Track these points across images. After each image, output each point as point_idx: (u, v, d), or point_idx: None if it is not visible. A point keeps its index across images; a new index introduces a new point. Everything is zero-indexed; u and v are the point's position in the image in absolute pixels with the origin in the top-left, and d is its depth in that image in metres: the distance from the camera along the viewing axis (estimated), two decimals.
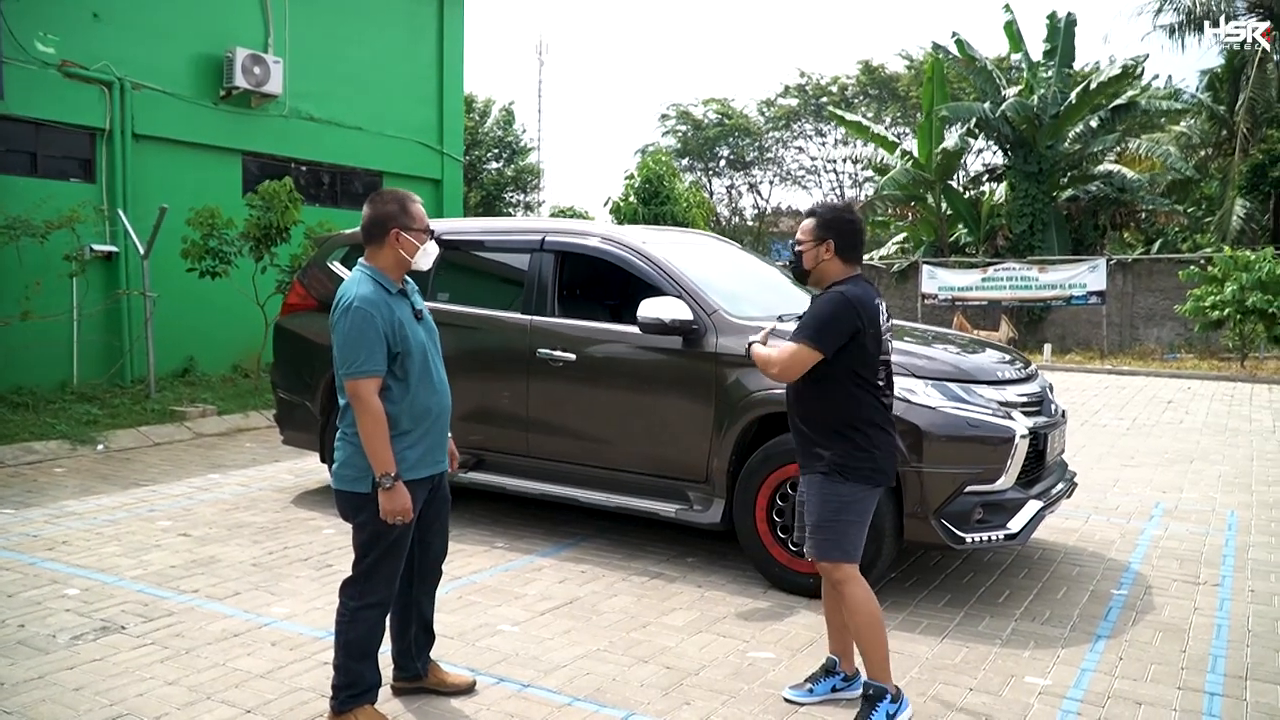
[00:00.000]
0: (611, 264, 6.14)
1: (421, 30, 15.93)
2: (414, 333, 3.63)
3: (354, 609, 3.63)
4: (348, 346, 3.47)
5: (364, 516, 3.59)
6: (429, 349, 3.72)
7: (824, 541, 3.75)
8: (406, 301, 3.70)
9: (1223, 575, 5.76)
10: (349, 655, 3.64)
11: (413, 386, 3.61)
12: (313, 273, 7.49)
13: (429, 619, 3.99)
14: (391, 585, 3.68)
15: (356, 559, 3.66)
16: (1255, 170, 22.89)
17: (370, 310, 3.48)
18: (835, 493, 3.74)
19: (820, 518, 3.76)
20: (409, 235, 3.64)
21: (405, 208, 3.66)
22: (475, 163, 31.14)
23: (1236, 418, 12.14)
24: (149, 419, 10.13)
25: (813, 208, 3.96)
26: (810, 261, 3.86)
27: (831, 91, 41.26)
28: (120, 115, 11.96)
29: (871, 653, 3.73)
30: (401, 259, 3.65)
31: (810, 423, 3.81)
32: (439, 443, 3.75)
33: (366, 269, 3.65)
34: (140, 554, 5.92)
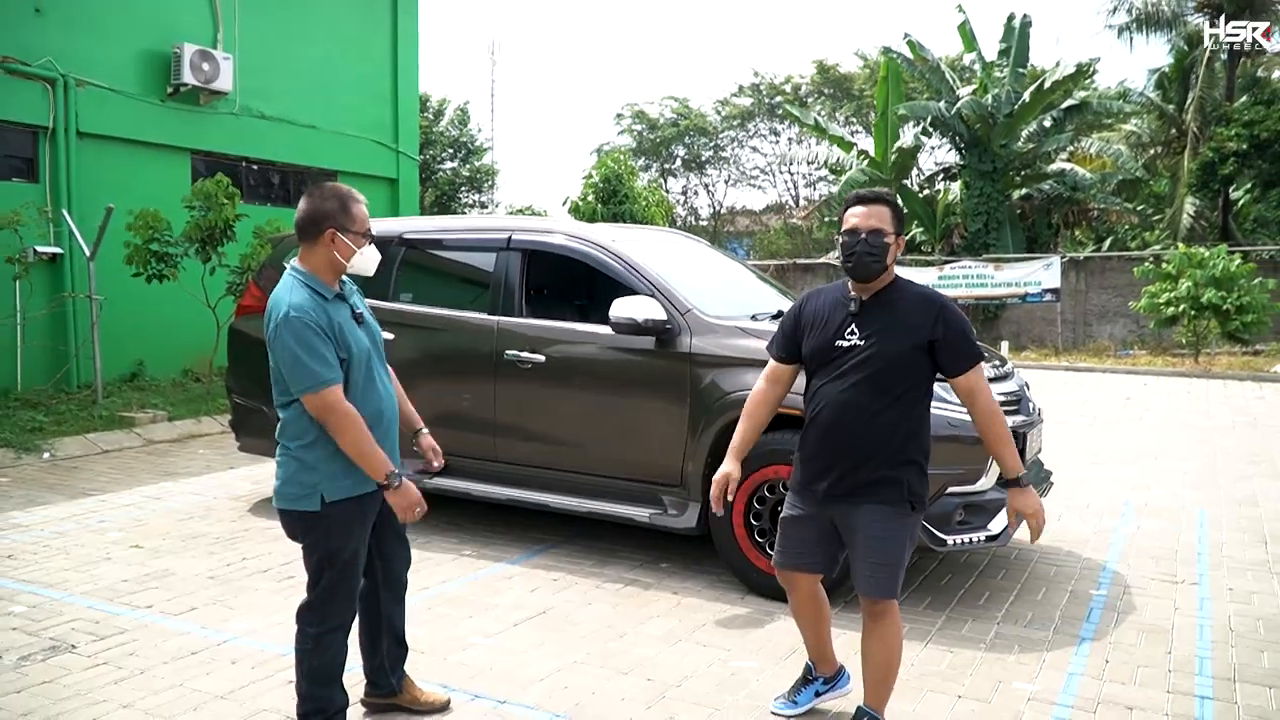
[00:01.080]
0: (580, 263, 5.99)
1: (375, 27, 15.66)
2: (355, 337, 3.36)
3: (315, 635, 3.39)
4: (295, 361, 3.19)
5: (313, 537, 3.35)
6: (372, 353, 3.44)
7: (889, 579, 3.41)
8: (345, 304, 3.42)
9: (1199, 574, 5.72)
10: (314, 682, 3.42)
11: (357, 393, 3.33)
12: (268, 273, 7.25)
13: (401, 631, 3.79)
14: (351, 605, 3.45)
15: (310, 582, 3.41)
16: (1205, 168, 23.22)
17: (304, 318, 3.20)
18: (907, 527, 3.42)
19: (896, 555, 3.40)
20: (345, 238, 3.33)
21: (345, 206, 3.35)
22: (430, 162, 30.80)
23: (1196, 413, 12.23)
24: (97, 425, 9.81)
25: (882, 194, 3.50)
26: (892, 256, 3.41)
27: (785, 91, 41.31)
28: (64, 113, 11.62)
29: (889, 686, 3.53)
30: (335, 262, 3.35)
31: (887, 446, 3.37)
32: (388, 450, 3.43)
33: (298, 273, 3.35)
34: (90, 568, 5.67)
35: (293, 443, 3.34)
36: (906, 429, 3.39)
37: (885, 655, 3.49)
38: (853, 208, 3.47)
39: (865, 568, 3.42)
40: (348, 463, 3.30)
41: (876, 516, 3.39)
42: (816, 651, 3.84)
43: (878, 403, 3.37)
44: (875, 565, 3.40)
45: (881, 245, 3.37)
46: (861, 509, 3.41)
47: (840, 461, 3.43)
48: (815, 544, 3.58)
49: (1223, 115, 23.94)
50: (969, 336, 3.39)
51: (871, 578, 3.41)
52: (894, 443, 3.37)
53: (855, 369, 3.39)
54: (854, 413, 3.38)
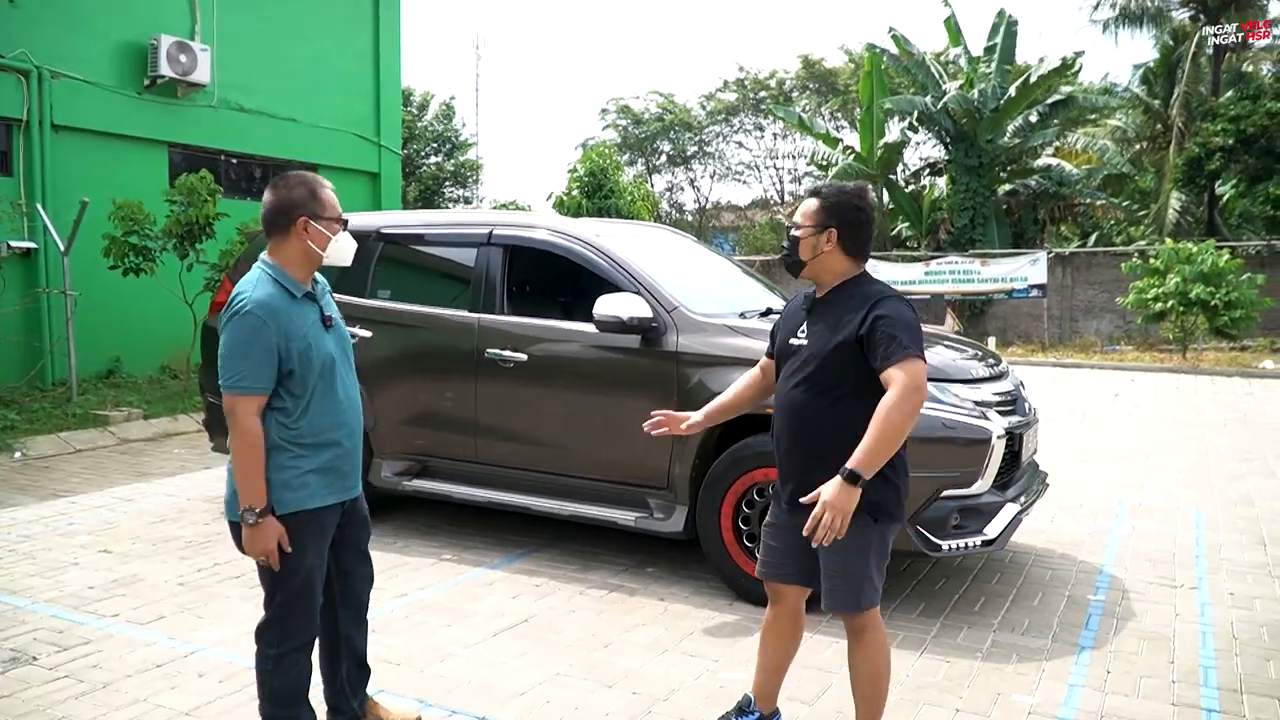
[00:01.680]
0: (563, 259, 5.81)
1: (357, 19, 15.43)
2: (319, 344, 3.13)
3: (275, 656, 3.18)
4: (230, 356, 3.00)
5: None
6: (337, 361, 3.21)
7: (850, 592, 3.17)
8: (314, 306, 3.20)
9: (1199, 578, 5.59)
10: (277, 704, 3.22)
11: (312, 405, 3.12)
12: (243, 269, 7.04)
13: (361, 654, 3.50)
14: (312, 622, 3.22)
15: (266, 599, 3.19)
16: (1191, 163, 23.15)
17: (264, 318, 3.00)
18: (868, 539, 3.15)
19: (853, 568, 3.16)
20: (318, 225, 3.14)
21: (315, 193, 3.16)
22: (414, 156, 30.55)
23: (1185, 410, 12.13)
24: (70, 424, 9.59)
25: (817, 188, 3.35)
26: (809, 251, 3.25)
27: (770, 86, 41.13)
28: (38, 105, 11.41)
29: (880, 705, 3.29)
30: (310, 253, 3.15)
31: (833, 450, 3.06)
32: (349, 466, 3.24)
33: (268, 267, 3.14)
34: (56, 573, 5.47)
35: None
36: (854, 433, 3.04)
37: (870, 672, 3.26)
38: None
39: (825, 581, 3.22)
40: (304, 474, 3.10)
41: None
42: (766, 684, 3.54)
43: (819, 404, 3.19)
44: (834, 579, 3.19)
45: (792, 240, 3.31)
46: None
47: (792, 468, 3.27)
48: (794, 554, 3.32)
49: (1209, 110, 23.90)
50: (898, 332, 3.07)
51: (831, 591, 3.21)
52: (841, 447, 3.04)
53: (799, 369, 3.25)
54: (797, 415, 3.24)
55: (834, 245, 3.24)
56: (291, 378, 3.07)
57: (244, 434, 3.01)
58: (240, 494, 3.03)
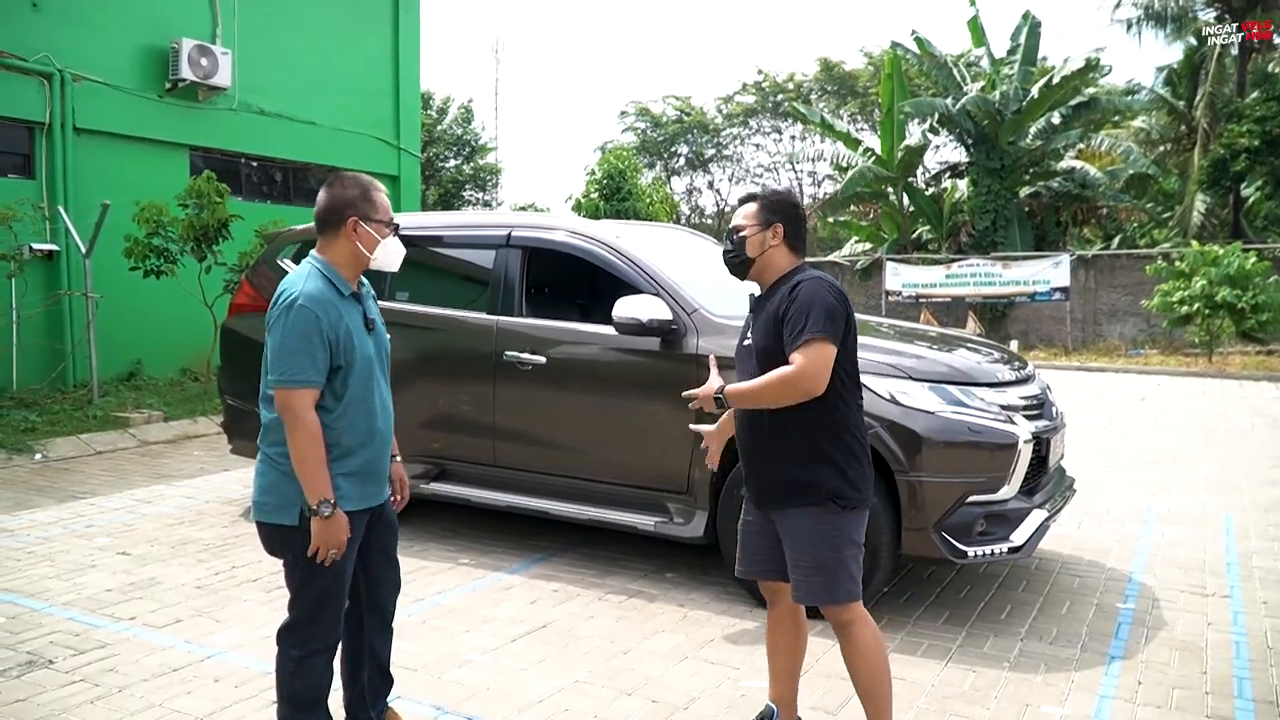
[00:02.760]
0: (582, 260, 5.75)
1: (376, 22, 15.44)
2: (362, 345, 3.11)
3: (298, 658, 3.13)
4: (284, 350, 2.96)
5: (293, 553, 3.08)
6: (376, 365, 3.19)
7: (828, 583, 3.16)
8: (359, 307, 3.18)
9: (1230, 586, 5.48)
10: (296, 707, 3.18)
11: (352, 406, 3.09)
12: (262, 271, 7.04)
13: (384, 661, 3.45)
14: (336, 626, 3.18)
15: (291, 601, 3.15)
16: (1216, 165, 22.90)
17: (315, 310, 2.97)
18: (835, 527, 3.16)
19: (821, 558, 3.15)
20: (369, 227, 3.12)
21: (368, 194, 3.15)
22: (433, 160, 30.58)
23: (1212, 414, 11.97)
24: (91, 426, 9.61)
25: (752, 193, 3.43)
26: (755, 248, 3.27)
27: (788, 89, 41.04)
28: (60, 108, 11.43)
29: (882, 705, 3.23)
30: (359, 254, 3.13)
31: (792, 444, 3.15)
32: (379, 472, 3.22)
33: (318, 262, 3.13)
34: (74, 576, 5.45)
35: (274, 448, 3.08)
36: (810, 426, 3.15)
37: (867, 666, 3.21)
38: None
39: (797, 574, 3.22)
40: (333, 476, 3.04)
41: (802, 520, 3.19)
42: (784, 689, 3.51)
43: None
44: (807, 570, 3.19)
45: (738, 240, 3.33)
46: (785, 514, 3.23)
47: (751, 465, 3.31)
48: (768, 550, 3.36)
49: (1234, 111, 23.65)
50: (809, 312, 3.08)
51: (803, 583, 3.21)
52: (796, 442, 3.15)
53: (748, 370, 3.28)
54: (750, 415, 3.28)
55: (779, 240, 3.31)
56: (338, 375, 3.06)
57: (305, 427, 2.96)
58: (308, 490, 2.97)
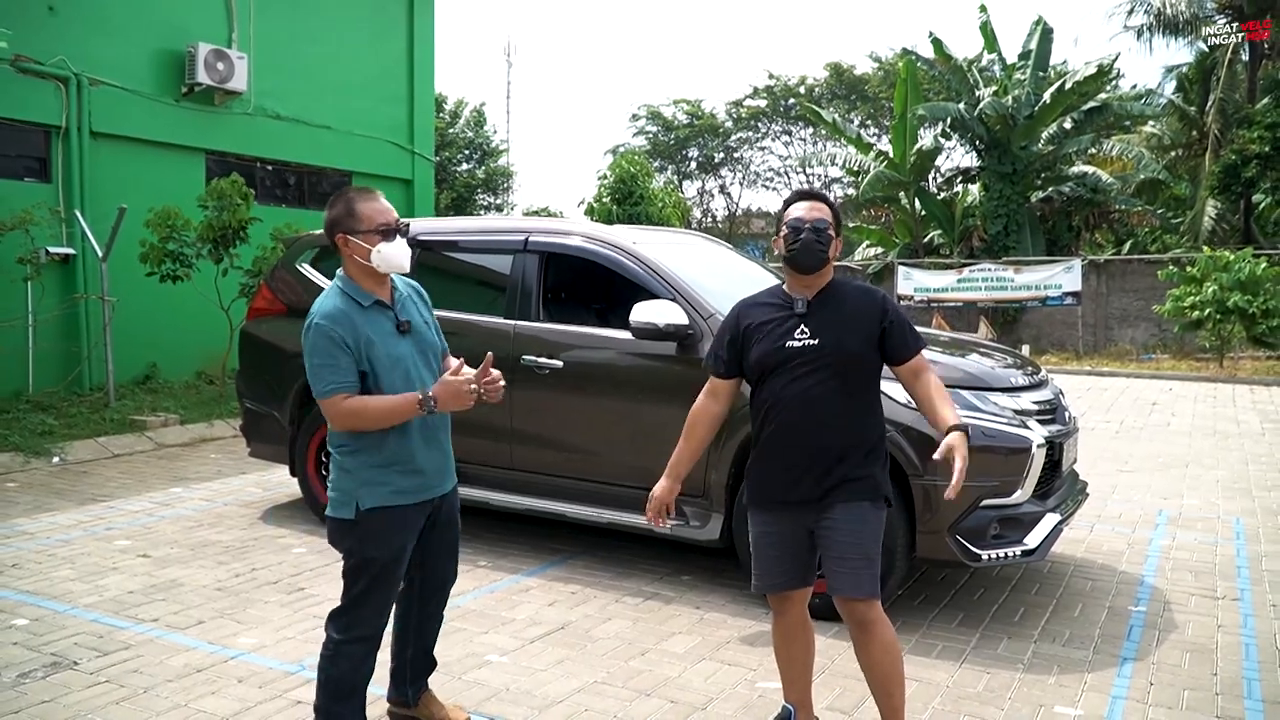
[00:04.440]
0: (599, 265, 5.81)
1: (391, 27, 15.52)
2: (390, 348, 3.26)
3: (338, 643, 3.31)
4: (313, 368, 3.20)
5: (348, 544, 3.30)
6: (413, 363, 3.32)
7: (872, 576, 3.25)
8: (387, 313, 3.32)
9: (1240, 589, 5.51)
10: (329, 694, 3.31)
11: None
12: (280, 275, 7.11)
13: (428, 644, 3.68)
14: (381, 618, 3.35)
15: (343, 590, 3.35)
16: (1227, 170, 22.86)
17: (329, 325, 3.18)
18: (881, 520, 3.33)
19: (873, 550, 3.27)
20: (356, 239, 3.24)
21: (351, 209, 3.27)
22: (446, 163, 30.68)
23: (1223, 419, 11.97)
24: (108, 429, 9.68)
25: (810, 190, 3.47)
26: (835, 253, 3.36)
27: (799, 93, 41.07)
28: (77, 112, 11.49)
29: (900, 700, 3.30)
30: (361, 265, 3.27)
31: (857, 443, 3.30)
32: (434, 465, 3.39)
33: (340, 280, 3.34)
34: (96, 578, 5.52)
35: (335, 448, 3.32)
36: (869, 423, 3.36)
37: (890, 663, 3.27)
38: (795, 204, 3.40)
39: (847, 568, 3.24)
40: (385, 471, 3.26)
41: (854, 513, 3.26)
42: (799, 692, 3.55)
43: (842, 400, 3.28)
44: (858, 563, 3.23)
45: (827, 236, 3.31)
46: (836, 508, 3.26)
47: (810, 464, 3.29)
48: (792, 559, 3.37)
49: (1244, 117, 23.60)
50: (910, 323, 3.41)
51: (855, 576, 3.23)
52: (863, 439, 3.32)
53: (815, 369, 3.27)
54: (818, 413, 3.28)
55: (838, 249, 3.41)
56: (367, 379, 3.23)
57: (355, 414, 3.18)
58: (406, 415, 3.20)
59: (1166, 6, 26.30)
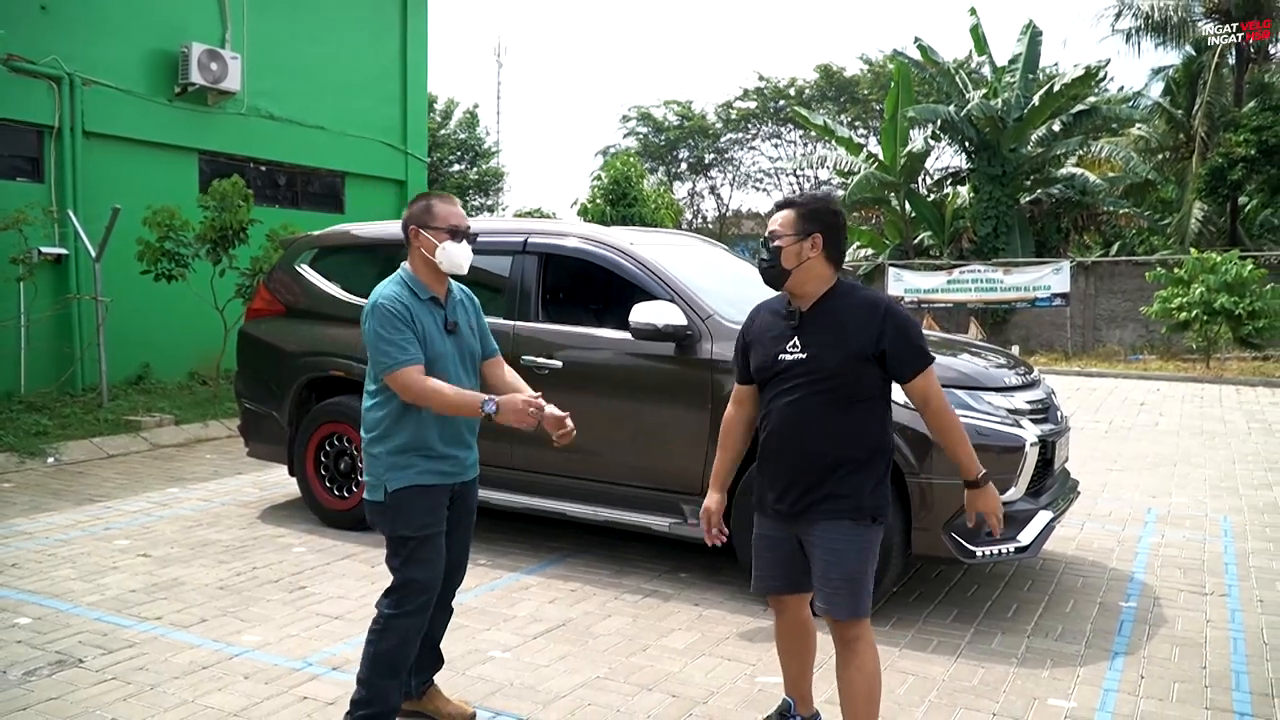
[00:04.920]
0: (597, 267, 5.87)
1: (384, 27, 15.54)
2: (435, 344, 3.47)
3: (388, 617, 3.46)
4: (377, 343, 3.38)
5: (382, 525, 3.51)
6: (455, 362, 3.54)
7: (854, 598, 3.19)
8: (438, 311, 3.54)
9: (1228, 585, 5.61)
10: (375, 669, 3.45)
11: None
12: (279, 276, 7.15)
13: (435, 637, 3.79)
14: (425, 594, 3.48)
15: (390, 569, 3.53)
16: (1214, 173, 23.05)
17: (391, 307, 3.40)
18: (868, 541, 3.21)
19: (855, 570, 3.18)
20: (427, 233, 3.48)
21: (430, 206, 3.53)
22: (438, 164, 30.65)
23: (1210, 419, 12.10)
24: (102, 429, 9.69)
25: (789, 198, 3.34)
26: (793, 259, 3.19)
27: (789, 94, 41.18)
28: (70, 112, 11.49)
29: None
30: (426, 259, 3.51)
31: (840, 459, 3.16)
32: (454, 453, 3.55)
33: (402, 271, 3.56)
34: (97, 577, 5.55)
35: (365, 436, 3.54)
36: (860, 440, 3.20)
37: (865, 686, 3.22)
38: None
39: (826, 586, 3.22)
40: (409, 454, 3.44)
41: (835, 531, 3.19)
42: (797, 688, 3.60)
43: (826, 416, 3.19)
44: (836, 583, 3.19)
45: (773, 250, 3.22)
46: (818, 525, 3.22)
47: (795, 477, 3.25)
48: (788, 563, 3.37)
49: (1231, 121, 23.79)
50: (916, 340, 3.21)
51: (833, 596, 3.20)
52: (847, 455, 3.17)
53: (801, 383, 3.20)
54: (802, 427, 3.21)
55: (818, 252, 3.22)
56: None
57: (425, 392, 3.34)
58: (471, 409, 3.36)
59: (1154, 10, 26.50)
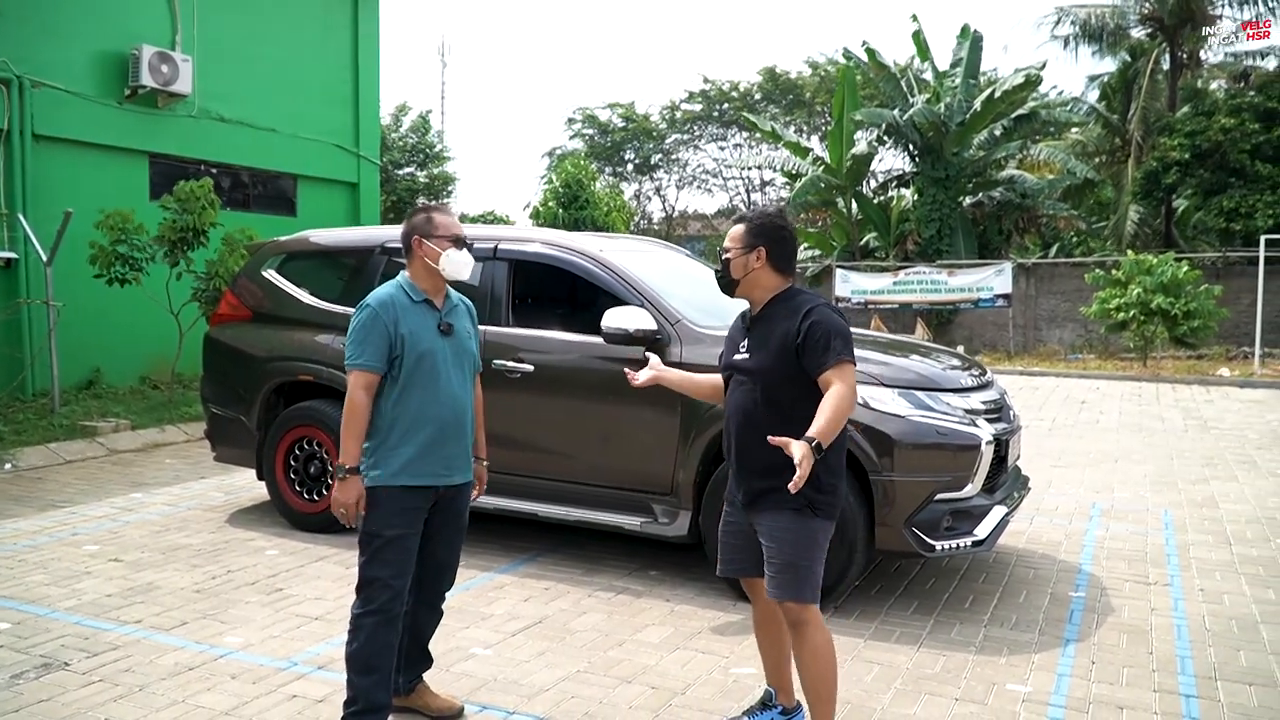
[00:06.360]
0: (567, 273, 6.02)
1: (336, 30, 15.52)
2: (425, 342, 3.62)
3: (356, 616, 3.59)
4: (351, 341, 3.59)
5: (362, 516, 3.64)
6: (444, 360, 3.66)
7: (794, 582, 3.41)
8: (433, 313, 3.69)
9: (1170, 575, 5.89)
10: (351, 668, 3.57)
11: (407, 391, 3.59)
12: (243, 282, 7.20)
13: (423, 638, 3.91)
14: (390, 593, 3.57)
15: (359, 565, 3.64)
16: (1149, 177, 23.73)
17: (377, 309, 3.57)
18: (809, 530, 3.41)
19: (795, 557, 3.40)
20: (430, 242, 3.66)
21: (430, 217, 3.72)
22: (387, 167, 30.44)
23: (1149, 417, 12.53)
24: (58, 435, 9.63)
25: (742, 214, 3.66)
26: (739, 270, 3.52)
27: (733, 97, 41.49)
28: (19, 115, 11.37)
29: (827, 705, 3.48)
30: (428, 267, 3.68)
31: (776, 454, 3.25)
32: (442, 455, 3.65)
33: (401, 277, 3.74)
34: (71, 582, 5.58)
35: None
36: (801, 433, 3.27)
37: (817, 667, 3.44)
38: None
39: (771, 571, 3.47)
40: (389, 454, 3.58)
41: (776, 521, 3.44)
42: (775, 677, 3.79)
43: (763, 413, 3.44)
44: (778, 567, 3.44)
45: (724, 261, 3.56)
46: (763, 514, 3.48)
47: (740, 470, 3.57)
48: (746, 549, 3.65)
49: (1165, 125, 24.49)
50: (830, 338, 3.35)
51: (776, 579, 3.45)
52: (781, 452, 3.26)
53: (744, 382, 3.52)
54: (743, 423, 3.50)
55: (763, 262, 3.52)
56: (395, 364, 3.58)
57: (350, 404, 3.56)
58: (341, 453, 3.54)
59: (1091, 17, 27.21)
